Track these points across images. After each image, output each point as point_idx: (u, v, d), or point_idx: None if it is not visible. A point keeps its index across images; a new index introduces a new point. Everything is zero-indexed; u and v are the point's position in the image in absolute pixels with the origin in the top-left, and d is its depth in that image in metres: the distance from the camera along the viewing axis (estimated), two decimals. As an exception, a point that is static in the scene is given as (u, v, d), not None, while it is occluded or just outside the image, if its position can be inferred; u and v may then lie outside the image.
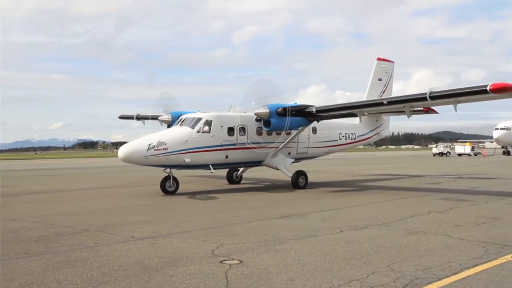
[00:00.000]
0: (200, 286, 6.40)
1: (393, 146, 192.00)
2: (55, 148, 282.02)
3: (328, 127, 24.26)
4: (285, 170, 21.45)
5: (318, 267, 7.29)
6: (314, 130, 23.43)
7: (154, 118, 25.73)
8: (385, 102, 18.36)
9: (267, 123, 20.18)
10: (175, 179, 18.97)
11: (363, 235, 9.85)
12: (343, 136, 25.49)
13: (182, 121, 19.90)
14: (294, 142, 22.21)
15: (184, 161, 18.68)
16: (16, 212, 13.82)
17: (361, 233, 10.15)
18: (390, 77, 28.49)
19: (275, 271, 7.08)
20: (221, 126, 19.84)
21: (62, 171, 17.75)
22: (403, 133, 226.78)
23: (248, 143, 20.58)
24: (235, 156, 20.36)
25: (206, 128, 19.47)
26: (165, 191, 18.65)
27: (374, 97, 25.99)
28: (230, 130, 20.11)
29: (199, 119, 19.58)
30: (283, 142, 21.39)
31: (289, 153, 22.39)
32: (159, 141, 18.27)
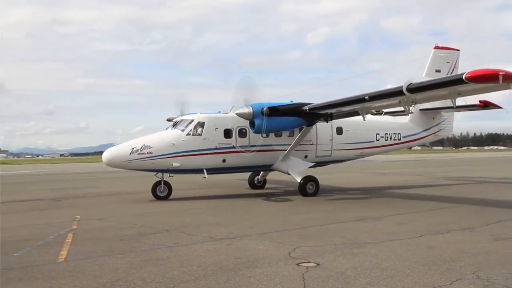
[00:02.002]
0: (277, 288, 6.43)
1: (475, 147, 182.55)
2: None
3: (360, 127, 21.59)
4: (296, 174, 18.96)
5: (398, 272, 7.07)
6: (339, 131, 21.07)
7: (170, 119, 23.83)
8: (366, 98, 15.93)
9: (252, 124, 17.95)
10: (167, 184, 18.50)
11: (445, 240, 9.43)
12: (381, 137, 22.52)
13: (176, 123, 18.99)
14: (311, 144, 20.21)
15: (172, 165, 17.77)
16: (103, 212, 14.63)
17: (443, 238, 9.72)
18: (454, 67, 24.31)
19: (353, 275, 6.96)
20: (216, 128, 18.48)
21: (143, 172, 18.54)
22: (486, 133, 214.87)
23: (250, 146, 18.96)
24: (234, 160, 18.80)
25: (198, 130, 18.31)
26: (156, 196, 18.24)
27: None
28: (227, 132, 18.59)
29: (191, 121, 18.53)
30: (296, 145, 19.45)
31: (306, 156, 20.17)
32: (144, 144, 17.67)
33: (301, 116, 18.24)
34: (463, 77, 12.59)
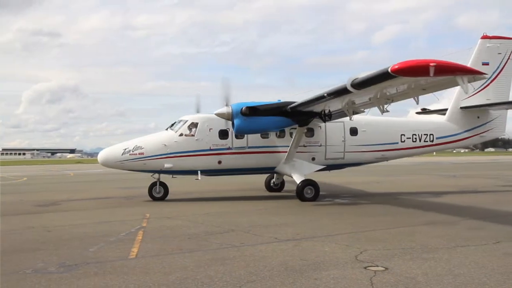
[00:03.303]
0: (345, 291, 6.32)
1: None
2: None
3: (380, 127, 20.16)
4: (298, 177, 17.68)
5: (472, 280, 6.73)
6: (354, 131, 19.65)
7: None
8: (325, 95, 14.80)
9: (233, 124, 17.08)
10: (162, 184, 18.54)
11: (525, 247, 8.88)
12: (408, 138, 20.40)
13: (173, 124, 18.75)
14: (319, 145, 19.10)
15: (164, 166, 17.74)
16: (171, 210, 15.06)
17: (522, 245, 9.16)
18: (508, 59, 21.41)
19: (423, 281, 6.71)
20: (210, 129, 18.11)
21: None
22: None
23: (249, 148, 18.44)
24: (231, 161, 18.37)
25: (192, 131, 18.13)
26: (152, 197, 18.36)
27: (474, 86, 19.79)
28: (223, 133, 18.11)
29: (185, 122, 18.38)
30: (302, 146, 18.62)
31: (313, 159, 19.04)
32: (136, 145, 17.80)
33: (288, 116, 17.09)
34: (389, 70, 11.35)
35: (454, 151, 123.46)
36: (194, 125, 18.23)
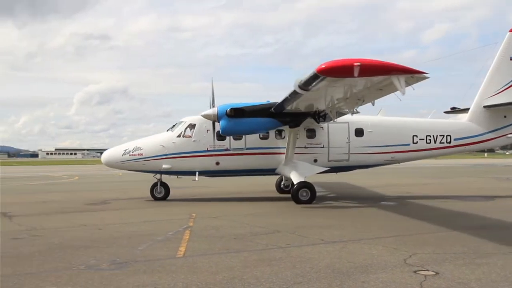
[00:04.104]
0: (394, 296, 6.19)
1: None
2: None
3: (389, 128, 19.41)
4: (296, 178, 17.06)
5: (530, 287, 6.45)
6: (359, 132, 19.04)
7: None
8: (288, 97, 14.62)
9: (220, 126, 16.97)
10: (163, 185, 18.86)
11: None
12: (421, 139, 19.39)
13: (174, 125, 18.96)
14: (322, 146, 18.71)
15: (162, 167, 18.06)
16: (216, 211, 15.20)
17: None
18: None
19: (477, 287, 6.47)
20: (208, 130, 17.96)
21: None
22: None
23: (247, 149, 18.38)
24: (229, 163, 18.36)
25: (189, 132, 18.30)
26: (154, 197, 18.70)
27: (501, 83, 19.69)
28: (220, 134, 17.58)
29: (183, 123, 18.56)
30: (303, 147, 18.45)
31: (316, 160, 18.66)
32: (136, 146, 18.24)
33: (274, 117, 16.77)
34: (315, 70, 10.93)
35: (507, 153, 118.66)
36: (192, 126, 18.41)
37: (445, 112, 23.20)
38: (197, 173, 18.19)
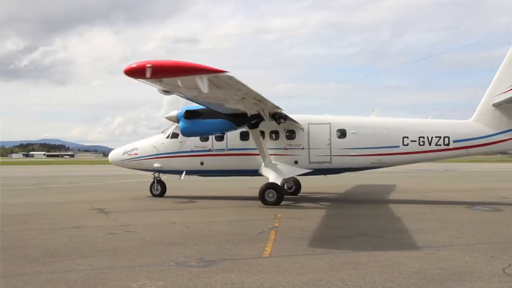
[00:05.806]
0: (492, 306, 5.83)
1: None
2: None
3: (375, 129, 18.23)
4: (273, 179, 17.14)
5: None
6: (342, 134, 18.23)
7: None
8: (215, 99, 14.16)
9: None
10: (160, 182, 20.63)
11: None
12: (412, 141, 17.85)
13: (167, 128, 19.92)
14: (302, 148, 18.34)
15: (154, 166, 19.66)
16: (301, 212, 15.27)
17: None
18: None
19: None
20: None
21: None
22: None
23: (228, 150, 18.96)
24: (212, 163, 19.13)
25: (176, 133, 19.16)
26: (152, 194, 20.53)
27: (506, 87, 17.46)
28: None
29: (173, 125, 19.24)
30: (283, 149, 18.47)
31: (296, 162, 18.39)
32: (134, 147, 20.12)
33: (227, 119, 16.50)
34: (123, 70, 10.73)
35: None
36: (178, 128, 18.44)
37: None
38: (184, 172, 19.51)
